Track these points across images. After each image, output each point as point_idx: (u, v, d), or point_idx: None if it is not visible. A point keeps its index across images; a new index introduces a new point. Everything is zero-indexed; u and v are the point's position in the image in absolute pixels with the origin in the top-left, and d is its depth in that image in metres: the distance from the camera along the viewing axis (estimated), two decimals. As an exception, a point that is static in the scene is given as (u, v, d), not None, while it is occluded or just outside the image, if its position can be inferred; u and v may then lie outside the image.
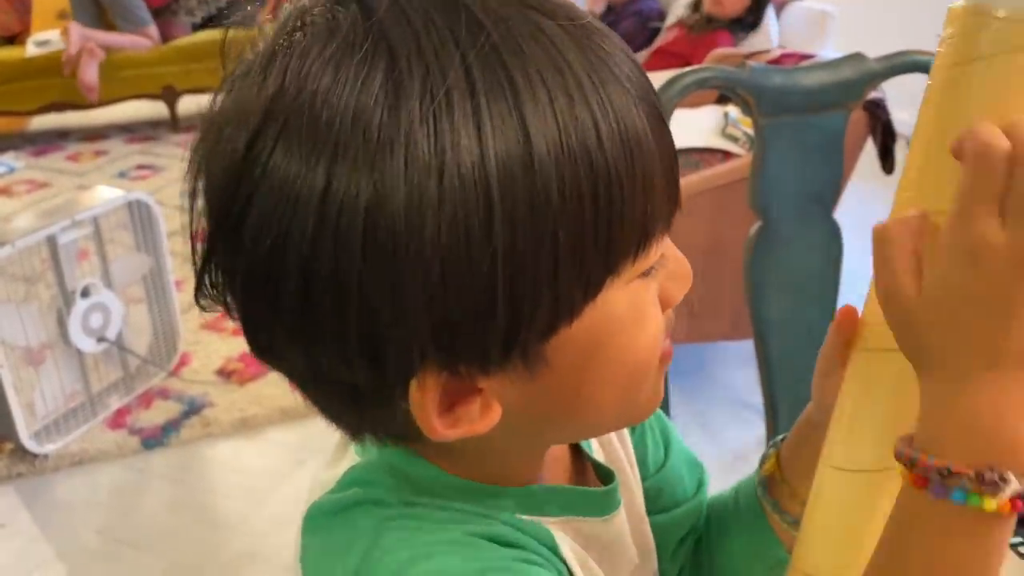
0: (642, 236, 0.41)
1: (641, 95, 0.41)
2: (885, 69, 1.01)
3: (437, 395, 0.41)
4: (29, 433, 2.03)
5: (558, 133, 0.38)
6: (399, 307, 0.38)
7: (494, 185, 0.37)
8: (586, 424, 0.49)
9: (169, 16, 4.49)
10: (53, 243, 2.01)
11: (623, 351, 0.44)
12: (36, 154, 4.26)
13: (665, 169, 0.42)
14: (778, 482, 0.59)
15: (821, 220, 1.07)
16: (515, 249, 0.38)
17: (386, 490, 0.47)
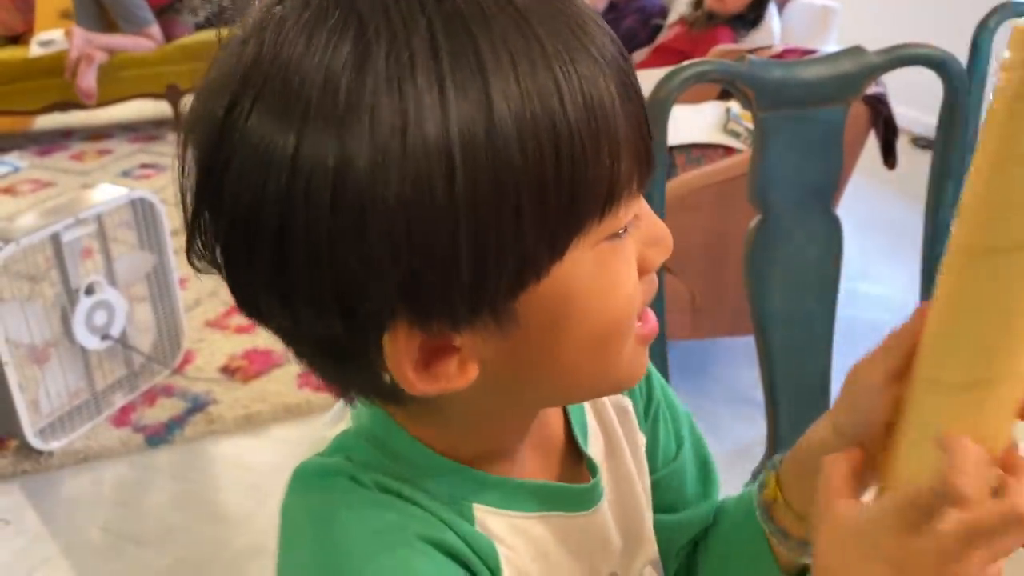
0: (608, 198, 0.43)
1: (610, 63, 0.42)
2: (884, 62, 1.01)
3: (412, 351, 0.43)
4: (34, 430, 2.04)
5: (520, 97, 0.39)
6: (367, 262, 0.40)
7: (456, 144, 0.39)
8: (563, 387, 0.49)
9: (172, 15, 4.49)
10: (57, 241, 2.02)
11: (593, 312, 0.45)
12: (40, 153, 4.27)
13: (633, 134, 0.43)
14: (781, 506, 0.57)
15: (821, 214, 1.07)
16: (477, 207, 0.39)
17: (365, 465, 0.49)
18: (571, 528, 0.55)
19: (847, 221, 1.10)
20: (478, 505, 0.52)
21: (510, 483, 0.53)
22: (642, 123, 0.44)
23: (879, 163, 2.09)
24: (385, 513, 0.48)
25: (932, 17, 3.52)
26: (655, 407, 0.66)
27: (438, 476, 0.51)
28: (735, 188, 1.68)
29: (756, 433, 1.22)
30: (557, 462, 0.58)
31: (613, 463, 0.61)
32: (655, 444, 0.65)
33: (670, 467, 0.66)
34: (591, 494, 0.57)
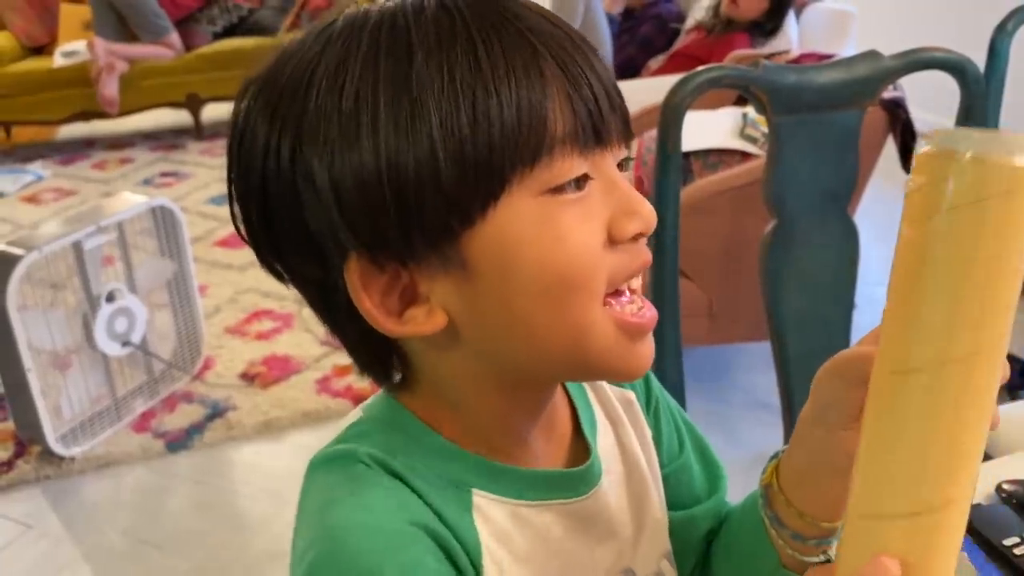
0: (536, 148, 0.47)
1: (542, 36, 0.48)
2: (900, 66, 1.01)
3: (374, 289, 0.49)
4: (56, 436, 2.06)
5: (440, 50, 0.46)
6: (319, 205, 0.48)
7: (381, 82, 0.46)
8: (531, 347, 0.50)
9: (192, 25, 4.54)
10: (79, 249, 2.04)
11: (537, 260, 0.48)
12: (63, 163, 4.32)
13: (570, 92, 0.47)
14: (775, 491, 0.58)
15: (836, 218, 1.07)
16: (398, 148, 0.46)
17: (373, 446, 0.52)
18: (571, 514, 0.57)
19: (866, 226, 1.10)
20: (478, 491, 0.53)
21: (512, 471, 0.55)
22: (584, 92, 0.48)
23: (898, 167, 2.08)
24: (380, 497, 0.50)
25: (950, 21, 3.49)
26: (655, 402, 0.67)
27: (441, 460, 0.53)
28: (752, 193, 1.68)
29: (774, 438, 1.22)
30: (565, 452, 0.59)
31: (622, 450, 0.62)
32: (659, 438, 0.66)
33: (676, 463, 0.67)
34: (587, 475, 0.58)
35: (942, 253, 0.40)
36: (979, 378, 0.41)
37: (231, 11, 4.57)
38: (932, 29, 3.33)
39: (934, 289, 0.40)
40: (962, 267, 0.40)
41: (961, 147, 0.39)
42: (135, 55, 4.32)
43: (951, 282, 0.40)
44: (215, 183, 3.88)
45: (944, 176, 0.39)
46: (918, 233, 0.41)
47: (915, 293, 0.41)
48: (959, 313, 0.40)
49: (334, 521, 0.49)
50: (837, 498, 0.55)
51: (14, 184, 3.99)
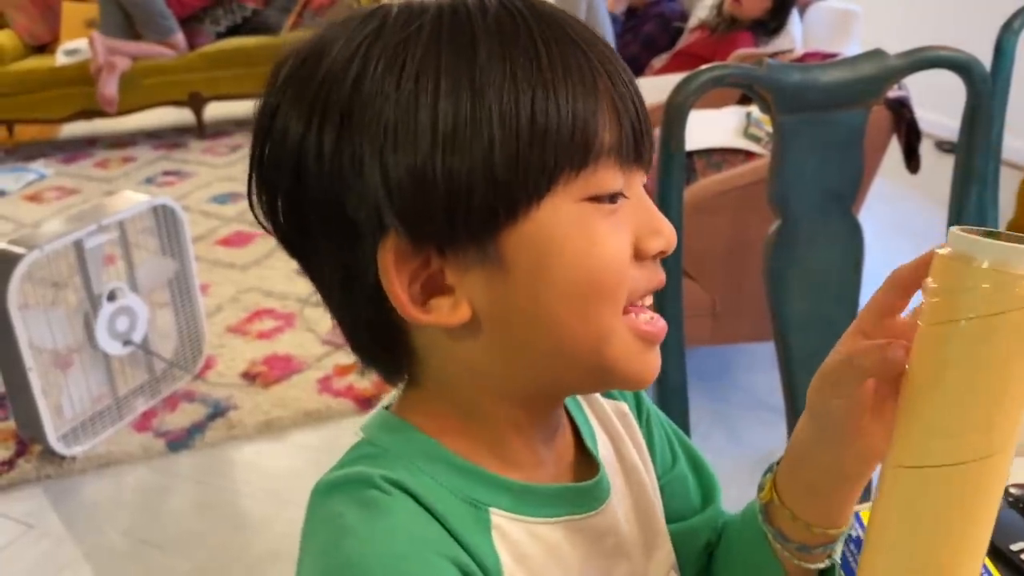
0: (583, 154, 0.47)
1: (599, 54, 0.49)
2: (905, 65, 1.00)
3: (404, 273, 0.49)
4: (57, 435, 2.06)
5: (505, 56, 0.47)
6: (364, 186, 0.47)
7: (443, 77, 0.46)
8: (556, 351, 0.50)
9: (195, 24, 4.53)
10: (80, 248, 2.04)
11: (572, 263, 0.48)
12: (65, 161, 4.32)
13: (616, 113, 0.48)
14: (777, 507, 0.57)
15: (841, 218, 1.06)
16: (455, 134, 0.46)
17: (385, 467, 0.50)
18: (585, 530, 0.56)
19: (870, 225, 1.09)
20: (495, 510, 0.52)
21: (526, 488, 0.53)
22: (631, 99, 0.49)
23: (902, 166, 2.07)
24: (398, 525, 0.48)
25: (955, 19, 3.48)
26: (646, 413, 0.67)
27: (456, 477, 0.51)
28: (755, 193, 1.67)
29: (777, 439, 1.21)
30: (571, 466, 0.59)
31: (622, 462, 0.62)
32: (652, 449, 0.66)
33: (670, 475, 0.67)
34: (598, 489, 0.57)
35: (957, 360, 0.41)
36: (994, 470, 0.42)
37: (235, 11, 4.57)
38: (936, 28, 3.32)
39: (949, 390, 0.42)
40: (977, 374, 0.41)
41: (979, 255, 0.40)
42: (137, 53, 4.32)
43: (966, 388, 0.42)
44: (217, 182, 3.88)
45: (963, 284, 0.41)
46: (934, 336, 0.42)
47: (932, 394, 0.42)
48: (972, 417, 0.42)
49: (350, 555, 0.46)
50: (846, 502, 0.55)
51: (16, 182, 3.99)
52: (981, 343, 0.41)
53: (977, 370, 0.41)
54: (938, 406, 0.42)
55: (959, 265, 0.41)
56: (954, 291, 0.41)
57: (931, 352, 0.43)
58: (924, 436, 0.43)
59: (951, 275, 0.42)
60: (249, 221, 0.53)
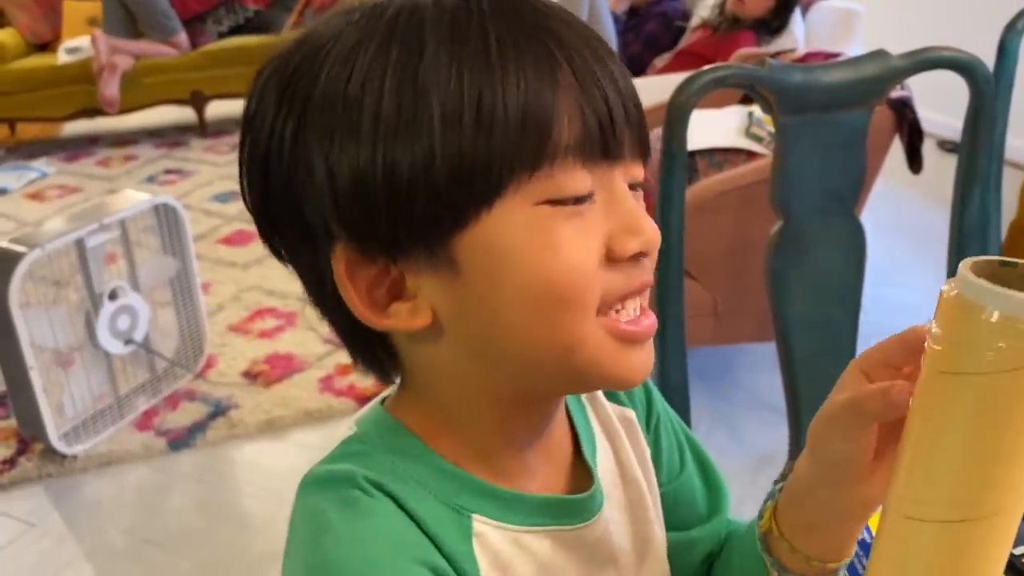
0: (535, 158, 0.45)
1: (567, 46, 0.46)
2: (908, 66, 1.00)
3: (360, 280, 0.48)
4: (58, 434, 2.06)
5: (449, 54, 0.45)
6: (314, 191, 0.47)
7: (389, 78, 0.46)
8: (520, 355, 0.49)
9: (197, 24, 4.54)
10: (81, 246, 2.04)
11: (527, 269, 0.46)
12: (67, 159, 4.32)
13: (582, 102, 0.46)
14: (776, 538, 0.56)
15: (843, 219, 1.06)
16: (396, 136, 0.45)
17: (370, 468, 0.50)
18: (573, 541, 0.55)
19: (873, 225, 1.09)
20: (478, 517, 0.51)
21: (513, 496, 0.53)
22: (597, 102, 0.46)
23: (904, 166, 2.07)
24: (377, 528, 0.48)
25: (957, 20, 3.48)
26: (655, 419, 0.65)
27: (440, 481, 0.51)
28: (757, 193, 1.66)
29: (779, 440, 1.21)
30: (565, 475, 0.58)
31: (621, 472, 0.61)
32: (658, 456, 0.65)
33: (676, 482, 0.65)
34: (590, 503, 0.56)
35: (963, 414, 0.39)
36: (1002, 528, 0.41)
37: (237, 11, 4.57)
38: (939, 28, 3.32)
39: (952, 445, 0.40)
40: (983, 430, 0.39)
41: (990, 305, 0.38)
42: (139, 51, 4.32)
43: (971, 443, 0.40)
44: (219, 180, 3.88)
45: (971, 336, 0.38)
46: (940, 384, 0.40)
47: (937, 446, 0.40)
48: (976, 474, 0.40)
49: (328, 554, 0.47)
50: (846, 539, 0.54)
51: (18, 181, 3.99)
52: (989, 399, 0.39)
53: (984, 426, 0.39)
54: (941, 458, 0.40)
55: (967, 314, 0.38)
56: (960, 342, 0.39)
57: (935, 402, 0.41)
58: (926, 488, 0.41)
59: (958, 325, 0.39)
60: (250, 220, 0.52)
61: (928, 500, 0.41)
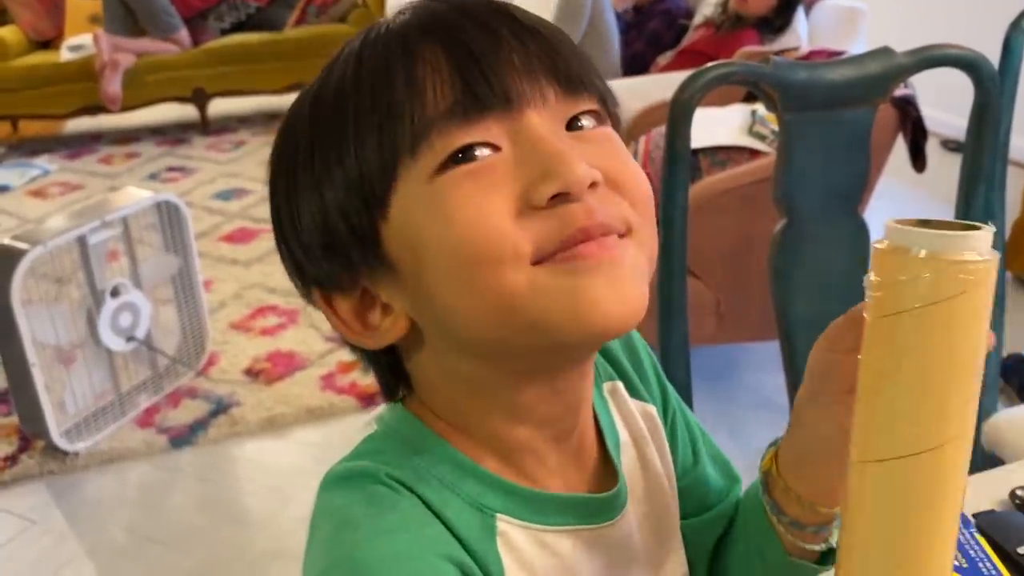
0: (400, 141, 0.46)
1: (455, 23, 0.47)
2: (912, 63, 1.00)
3: (347, 308, 0.51)
4: (60, 431, 2.06)
5: (333, 66, 0.49)
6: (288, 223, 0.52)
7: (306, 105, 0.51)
8: (475, 334, 0.48)
9: (199, 21, 4.54)
10: (83, 244, 2.04)
11: (435, 244, 0.46)
12: (70, 157, 4.32)
13: (453, 66, 0.46)
14: (774, 477, 0.58)
15: (847, 217, 1.06)
16: (318, 137, 0.49)
17: (393, 466, 0.50)
18: (597, 541, 0.55)
19: (875, 224, 1.08)
20: (502, 516, 0.51)
21: (537, 495, 0.53)
22: (466, 60, 0.46)
23: (908, 165, 2.06)
24: (403, 524, 0.48)
25: (961, 17, 3.47)
26: (671, 414, 0.66)
27: (464, 481, 0.51)
28: (760, 191, 1.66)
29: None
30: (590, 473, 0.57)
31: (644, 467, 0.61)
32: (674, 450, 0.65)
33: (691, 475, 0.66)
34: (615, 501, 0.56)
35: (905, 351, 0.42)
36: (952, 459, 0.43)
37: (239, 8, 4.57)
38: (942, 26, 3.31)
39: (901, 381, 0.42)
40: (926, 363, 0.42)
41: (916, 245, 0.41)
42: (140, 50, 4.32)
43: (917, 377, 0.42)
44: (221, 178, 3.88)
45: (903, 276, 0.41)
46: (881, 329, 0.43)
47: (885, 386, 0.43)
48: (927, 405, 0.42)
49: (353, 549, 0.46)
50: (832, 480, 0.55)
51: (20, 178, 3.99)
52: (927, 332, 0.41)
53: (926, 359, 0.42)
54: (892, 398, 0.43)
55: (897, 257, 0.41)
56: (895, 283, 0.42)
57: (879, 345, 0.43)
58: (881, 429, 0.43)
59: (891, 267, 0.42)
60: (252, 217, 0.54)
61: (885, 442, 0.43)
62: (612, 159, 0.48)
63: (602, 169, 0.47)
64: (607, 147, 0.49)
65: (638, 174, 0.49)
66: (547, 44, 0.48)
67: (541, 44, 0.48)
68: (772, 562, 0.61)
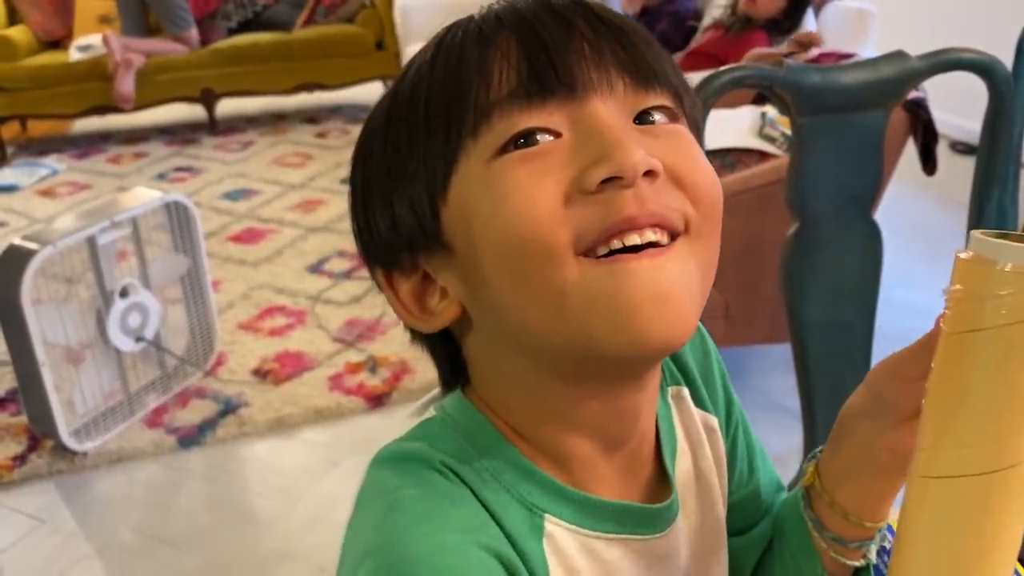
0: (463, 119, 0.47)
1: (529, 11, 0.48)
2: (927, 67, 0.99)
3: (407, 289, 0.51)
4: (69, 431, 2.06)
5: (426, 49, 0.50)
6: (360, 199, 0.52)
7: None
8: (523, 325, 0.47)
9: (207, 21, 4.55)
10: (93, 244, 2.04)
11: (486, 227, 0.46)
12: (78, 156, 4.33)
13: (520, 50, 0.46)
14: (818, 492, 0.57)
15: (860, 221, 1.05)
16: (391, 123, 0.50)
17: (447, 454, 0.50)
18: (644, 551, 0.54)
19: (885, 228, 1.08)
20: (551, 517, 0.50)
21: (588, 500, 0.52)
22: (536, 50, 0.46)
23: (917, 168, 2.06)
24: (453, 513, 0.47)
25: (971, 21, 3.46)
26: (733, 428, 0.64)
27: (515, 478, 0.50)
28: (771, 194, 1.65)
29: (792, 442, 1.20)
30: (643, 481, 0.56)
31: (698, 478, 0.60)
32: (732, 466, 0.63)
33: (746, 489, 0.64)
34: (666, 513, 0.55)
35: (983, 368, 0.41)
36: None
37: (246, 7, 4.58)
38: (952, 29, 3.30)
39: (977, 399, 0.41)
40: (1003, 382, 0.41)
41: (1002, 258, 0.40)
42: (150, 50, 4.33)
43: (991, 396, 0.41)
44: (229, 178, 3.89)
45: (986, 290, 0.40)
46: (959, 343, 0.42)
47: (959, 403, 0.42)
48: (999, 426, 0.41)
49: (401, 534, 0.45)
50: (882, 496, 0.55)
51: (29, 178, 4.00)
52: (1008, 349, 0.40)
53: (1003, 378, 0.41)
54: (965, 416, 0.42)
55: (982, 269, 0.40)
56: (977, 297, 0.41)
57: (955, 360, 0.42)
58: (951, 446, 0.42)
59: (974, 280, 0.41)
60: (260, 217, 0.55)
61: (952, 459, 0.42)
62: (678, 154, 0.47)
63: (665, 163, 0.45)
64: (675, 141, 0.48)
65: (706, 172, 0.48)
66: (622, 36, 0.47)
67: (615, 35, 0.47)
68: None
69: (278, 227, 3.29)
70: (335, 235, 3.19)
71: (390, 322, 2.56)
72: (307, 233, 3.22)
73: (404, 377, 2.33)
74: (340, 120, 4.60)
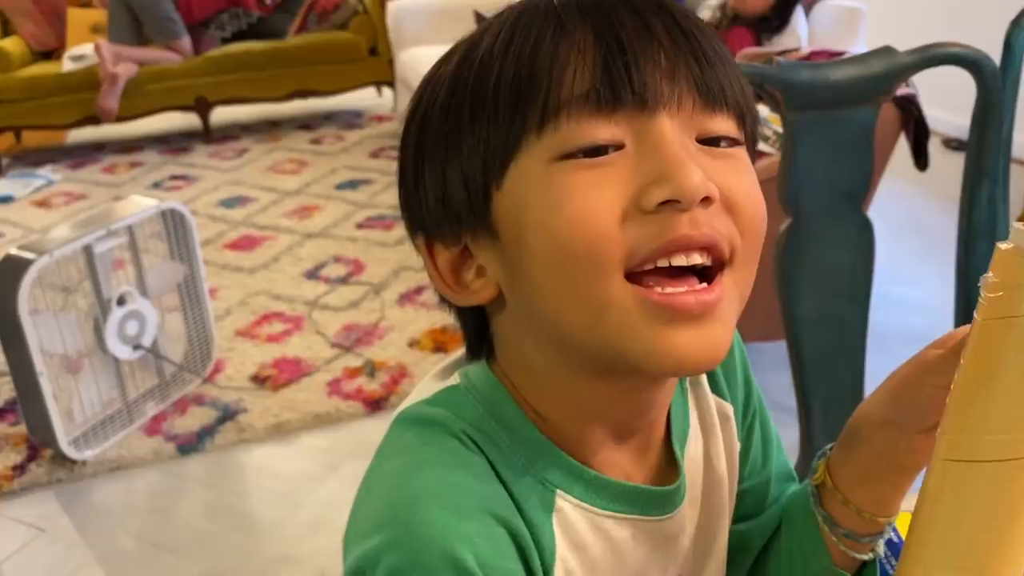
0: (542, 115, 0.46)
1: (612, 6, 0.47)
2: (915, 62, 1.00)
3: (445, 261, 0.52)
4: (68, 439, 2.07)
5: (489, 35, 0.49)
6: (412, 163, 0.52)
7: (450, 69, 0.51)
8: (558, 323, 0.48)
9: (201, 30, 4.56)
10: (89, 253, 2.05)
11: (539, 228, 0.46)
12: (73, 166, 4.33)
13: (598, 55, 0.46)
14: (829, 491, 0.57)
15: (852, 216, 1.06)
16: (455, 95, 0.49)
17: (467, 422, 0.51)
18: (650, 532, 0.55)
19: (878, 223, 1.09)
20: (563, 494, 0.52)
21: (601, 480, 0.53)
22: (614, 55, 0.46)
23: (910, 165, 2.07)
24: (469, 479, 0.48)
25: (960, 17, 3.48)
26: (751, 417, 0.65)
27: (531, 453, 0.51)
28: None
29: (789, 438, 1.20)
30: (652, 464, 0.57)
31: (707, 465, 0.60)
32: (746, 454, 0.64)
33: (757, 479, 0.65)
34: (674, 496, 0.57)
35: (1013, 356, 0.41)
36: None
37: (241, 17, 4.58)
38: (941, 25, 3.31)
39: (1005, 386, 0.42)
40: None
41: None
42: (143, 58, 4.33)
43: (1019, 384, 0.41)
44: (224, 186, 3.89)
45: (1022, 279, 0.41)
46: (992, 331, 0.42)
47: (988, 388, 0.42)
48: None
49: (418, 494, 0.46)
50: (898, 492, 0.55)
51: (24, 188, 4.00)
52: None
53: None
54: (993, 401, 0.42)
55: (1020, 260, 0.41)
56: (1014, 286, 0.41)
57: (988, 347, 0.42)
58: (977, 431, 0.43)
59: (1012, 270, 0.41)
60: (256, 224, 0.55)
61: (978, 443, 0.42)
62: (734, 179, 0.47)
63: (722, 187, 0.46)
64: (733, 165, 0.48)
65: (758, 202, 0.49)
66: (698, 50, 0.47)
67: (691, 46, 0.47)
68: (814, 571, 0.60)
69: (274, 234, 3.30)
70: (331, 241, 3.19)
71: (388, 326, 2.57)
72: (303, 239, 3.23)
73: (402, 381, 2.33)
74: (334, 126, 4.61)
